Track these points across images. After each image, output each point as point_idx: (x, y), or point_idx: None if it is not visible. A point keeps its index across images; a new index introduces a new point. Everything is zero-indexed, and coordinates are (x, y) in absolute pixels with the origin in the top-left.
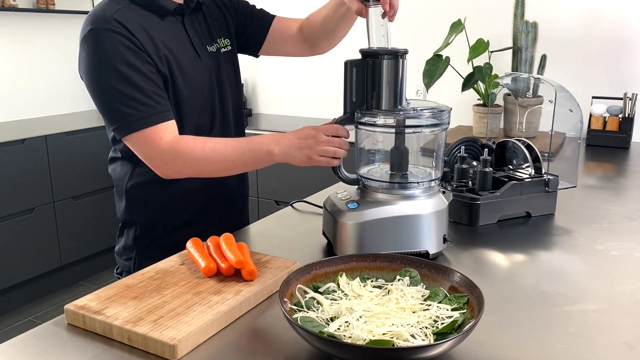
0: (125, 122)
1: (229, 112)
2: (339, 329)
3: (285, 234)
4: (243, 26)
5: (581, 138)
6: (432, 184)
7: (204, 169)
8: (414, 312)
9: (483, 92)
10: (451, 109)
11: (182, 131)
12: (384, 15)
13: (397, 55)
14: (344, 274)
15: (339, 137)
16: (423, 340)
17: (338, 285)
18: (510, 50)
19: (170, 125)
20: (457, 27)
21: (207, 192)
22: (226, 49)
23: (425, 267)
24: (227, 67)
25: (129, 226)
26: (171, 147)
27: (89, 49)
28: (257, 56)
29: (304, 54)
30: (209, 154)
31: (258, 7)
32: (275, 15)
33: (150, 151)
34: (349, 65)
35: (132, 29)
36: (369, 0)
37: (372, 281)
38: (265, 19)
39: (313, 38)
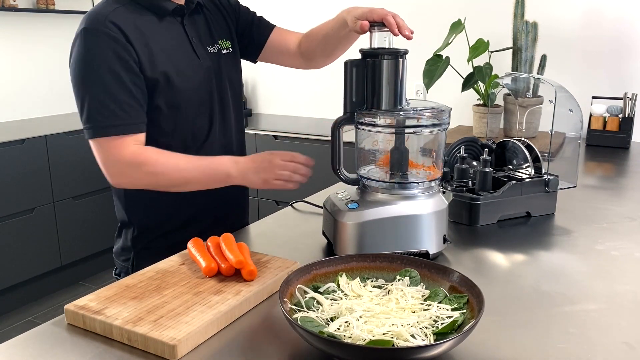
0: (94, 126)
1: (229, 113)
2: (339, 329)
3: (285, 234)
4: (242, 32)
5: (581, 138)
6: (432, 184)
7: (160, 182)
8: (414, 312)
9: (483, 92)
10: (451, 109)
11: (179, 133)
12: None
13: (397, 55)
14: (344, 274)
15: (292, 162)
16: (423, 340)
17: (338, 285)
18: (510, 50)
19: (139, 138)
20: (457, 27)
21: (205, 193)
22: (228, 51)
23: (425, 267)
24: (228, 68)
25: (127, 227)
26: (133, 157)
27: (79, 47)
28: (255, 62)
29: (299, 67)
30: (168, 168)
31: (259, 14)
32: (275, 26)
33: (110, 159)
34: (349, 65)
35: (126, 30)
36: (374, 27)
37: (372, 281)
38: (264, 29)
39: (311, 54)
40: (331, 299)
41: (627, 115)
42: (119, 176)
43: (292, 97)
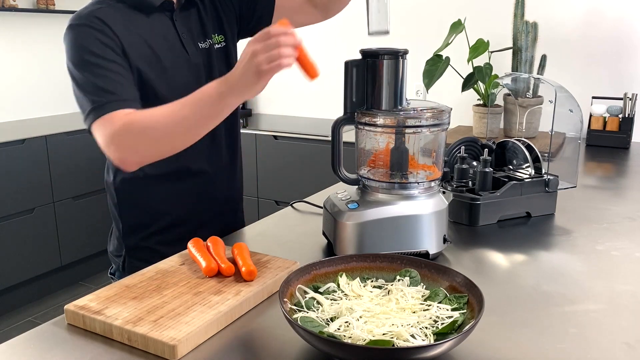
0: (90, 110)
1: None
2: (339, 329)
3: (285, 234)
4: (248, 14)
5: (581, 138)
6: (432, 184)
7: (156, 137)
8: (414, 312)
9: (483, 92)
10: (451, 109)
11: None
12: None
13: (397, 55)
14: (344, 274)
15: (271, 38)
16: (423, 340)
17: (338, 285)
18: (510, 51)
19: (130, 111)
20: (457, 27)
21: (196, 191)
22: (220, 45)
23: (425, 267)
24: (219, 64)
25: (118, 224)
26: (122, 124)
27: (67, 44)
28: None
29: (316, 20)
30: (158, 117)
31: None
32: None
33: (107, 134)
34: (349, 65)
35: (112, 25)
36: None
37: (372, 281)
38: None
39: (324, 1)
40: (331, 299)
41: (627, 116)
42: (118, 150)
43: (292, 97)
